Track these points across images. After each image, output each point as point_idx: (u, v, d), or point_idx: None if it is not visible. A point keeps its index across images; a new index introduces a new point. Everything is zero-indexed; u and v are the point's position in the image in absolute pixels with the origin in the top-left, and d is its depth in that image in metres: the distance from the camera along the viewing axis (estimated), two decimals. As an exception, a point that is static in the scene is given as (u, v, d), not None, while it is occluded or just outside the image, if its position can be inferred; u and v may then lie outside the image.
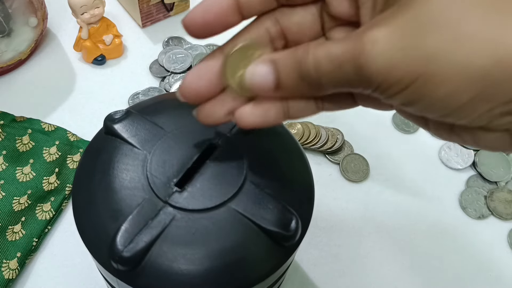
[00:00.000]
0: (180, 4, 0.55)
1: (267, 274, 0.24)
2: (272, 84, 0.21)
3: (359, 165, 0.44)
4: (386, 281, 0.38)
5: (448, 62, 0.16)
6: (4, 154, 0.41)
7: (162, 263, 0.22)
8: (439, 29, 0.16)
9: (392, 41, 0.17)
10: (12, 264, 0.36)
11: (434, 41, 0.16)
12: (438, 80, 0.17)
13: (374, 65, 0.17)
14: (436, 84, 0.17)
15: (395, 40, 0.17)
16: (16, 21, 0.46)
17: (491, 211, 0.42)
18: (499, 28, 0.16)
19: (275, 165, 0.26)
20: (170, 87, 0.48)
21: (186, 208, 0.23)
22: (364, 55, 0.17)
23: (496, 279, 0.39)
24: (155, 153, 0.25)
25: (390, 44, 0.17)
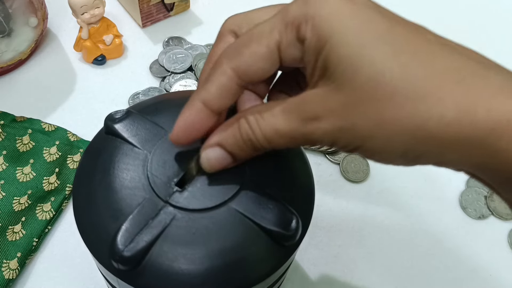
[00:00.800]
0: (180, 4, 0.55)
1: (267, 274, 0.24)
2: (230, 160, 0.24)
3: (359, 165, 0.44)
4: (386, 281, 0.38)
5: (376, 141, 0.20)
6: (4, 154, 0.41)
7: (163, 263, 0.22)
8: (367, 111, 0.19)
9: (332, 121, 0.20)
10: (12, 264, 0.36)
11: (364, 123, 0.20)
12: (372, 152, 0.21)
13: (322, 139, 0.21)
14: (372, 154, 0.21)
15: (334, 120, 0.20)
16: (16, 21, 0.46)
17: (491, 211, 0.42)
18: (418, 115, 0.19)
19: (276, 165, 0.26)
20: (170, 87, 0.48)
21: (187, 208, 0.23)
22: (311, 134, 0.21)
23: (496, 279, 0.39)
24: (155, 152, 0.25)
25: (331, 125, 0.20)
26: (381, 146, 0.20)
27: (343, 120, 0.20)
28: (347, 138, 0.20)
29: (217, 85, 0.22)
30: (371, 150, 0.20)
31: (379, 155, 0.21)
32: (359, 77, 0.19)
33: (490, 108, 0.18)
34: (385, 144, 0.20)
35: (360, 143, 0.20)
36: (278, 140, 0.22)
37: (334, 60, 0.20)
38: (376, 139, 0.20)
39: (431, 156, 0.20)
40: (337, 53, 0.20)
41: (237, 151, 0.23)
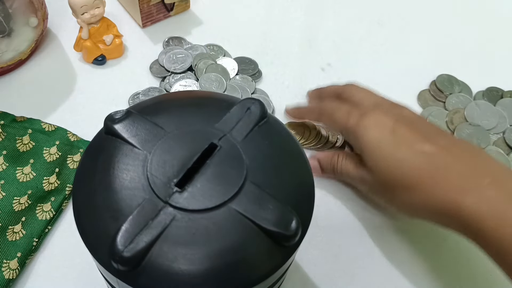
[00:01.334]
0: (180, 4, 0.55)
1: (267, 274, 0.24)
2: (319, 171, 0.43)
3: (359, 165, 0.44)
4: (386, 281, 0.38)
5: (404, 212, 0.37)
6: (5, 154, 0.41)
7: (163, 263, 0.22)
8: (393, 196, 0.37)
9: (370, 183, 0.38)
10: (12, 264, 0.36)
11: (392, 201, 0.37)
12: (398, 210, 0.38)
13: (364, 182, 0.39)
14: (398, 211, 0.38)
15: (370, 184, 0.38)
16: (16, 21, 0.46)
17: (491, 211, 0.42)
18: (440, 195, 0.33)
19: (276, 165, 0.26)
20: (170, 87, 0.48)
21: (187, 208, 0.23)
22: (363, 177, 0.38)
23: (497, 280, 0.39)
24: (155, 153, 0.25)
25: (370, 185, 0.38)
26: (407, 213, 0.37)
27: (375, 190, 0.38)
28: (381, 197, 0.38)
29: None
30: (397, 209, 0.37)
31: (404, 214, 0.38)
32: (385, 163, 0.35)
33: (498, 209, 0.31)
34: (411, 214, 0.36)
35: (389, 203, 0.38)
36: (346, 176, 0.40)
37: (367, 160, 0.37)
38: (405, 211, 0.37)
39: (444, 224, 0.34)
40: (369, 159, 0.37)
41: (325, 167, 0.42)
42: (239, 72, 0.50)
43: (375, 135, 0.35)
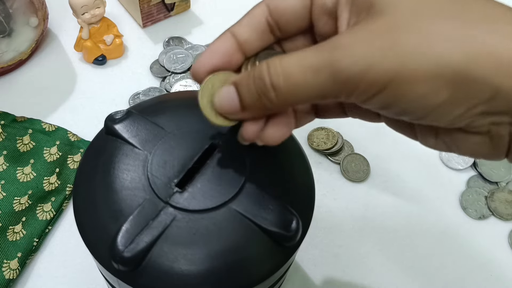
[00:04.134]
0: (180, 4, 0.55)
1: (268, 274, 0.24)
2: (237, 106, 0.21)
3: (359, 165, 0.44)
4: (386, 281, 0.38)
5: (421, 61, 0.16)
6: (5, 154, 0.41)
7: (163, 264, 0.22)
8: (411, 31, 0.17)
9: (367, 44, 0.17)
10: (12, 264, 0.36)
11: (406, 42, 0.17)
12: (413, 80, 0.17)
13: (352, 68, 0.17)
14: (411, 84, 0.17)
15: (370, 42, 0.17)
16: (17, 21, 0.46)
17: (491, 211, 0.42)
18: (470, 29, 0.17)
19: (276, 166, 0.26)
20: (170, 87, 0.48)
21: (187, 209, 0.23)
22: (341, 60, 0.17)
23: (497, 280, 0.39)
24: (155, 153, 0.25)
25: (366, 47, 0.17)
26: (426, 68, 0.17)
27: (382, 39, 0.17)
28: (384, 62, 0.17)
29: (248, 16, 0.22)
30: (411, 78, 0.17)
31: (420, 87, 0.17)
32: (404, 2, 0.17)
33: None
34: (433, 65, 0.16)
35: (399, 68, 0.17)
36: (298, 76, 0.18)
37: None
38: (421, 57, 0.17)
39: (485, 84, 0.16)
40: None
41: (245, 92, 0.20)
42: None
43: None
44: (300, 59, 0.18)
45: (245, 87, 0.20)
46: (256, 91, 0.20)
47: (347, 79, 0.18)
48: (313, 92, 0.18)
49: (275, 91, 0.19)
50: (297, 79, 0.18)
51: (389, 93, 0.17)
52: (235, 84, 0.21)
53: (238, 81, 0.21)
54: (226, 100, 0.21)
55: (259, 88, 0.19)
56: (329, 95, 0.19)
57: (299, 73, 0.18)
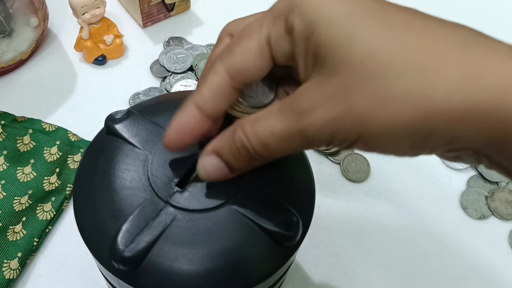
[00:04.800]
0: (181, 4, 0.55)
1: (268, 274, 0.24)
2: (226, 171, 0.23)
3: (360, 165, 0.44)
4: (387, 282, 0.38)
5: (379, 122, 0.18)
6: (5, 154, 0.41)
7: (163, 263, 0.22)
8: (363, 93, 0.18)
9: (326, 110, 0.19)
10: (13, 264, 0.36)
11: (361, 106, 0.18)
12: (375, 138, 0.18)
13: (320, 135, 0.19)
14: (375, 141, 0.18)
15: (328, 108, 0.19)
16: (17, 21, 0.46)
17: (492, 211, 0.42)
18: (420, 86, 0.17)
19: (276, 165, 0.26)
20: (170, 87, 0.48)
21: (187, 208, 0.23)
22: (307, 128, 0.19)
23: (497, 280, 0.39)
24: (156, 153, 0.25)
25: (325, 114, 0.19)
26: (384, 130, 0.18)
27: (340, 105, 0.18)
28: (346, 126, 0.18)
29: (210, 87, 0.22)
30: (373, 138, 0.18)
31: (383, 143, 0.18)
32: (353, 56, 0.18)
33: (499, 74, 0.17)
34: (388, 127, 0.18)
35: (361, 130, 0.18)
36: (275, 144, 0.20)
37: (324, 45, 0.19)
38: (378, 121, 0.18)
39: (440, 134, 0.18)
40: (326, 37, 0.18)
41: (233, 160, 0.22)
42: (239, 72, 0.50)
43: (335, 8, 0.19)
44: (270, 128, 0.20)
45: (230, 155, 0.22)
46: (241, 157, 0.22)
47: (319, 141, 0.19)
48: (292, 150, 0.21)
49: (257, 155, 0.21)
50: (274, 147, 0.20)
51: (359, 146, 0.19)
52: (216, 153, 0.22)
53: (220, 150, 0.22)
54: (213, 169, 0.23)
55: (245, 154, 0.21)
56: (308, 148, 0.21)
57: (274, 141, 0.20)
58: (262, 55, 0.21)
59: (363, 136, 0.18)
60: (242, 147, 0.21)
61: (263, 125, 0.20)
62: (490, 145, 0.17)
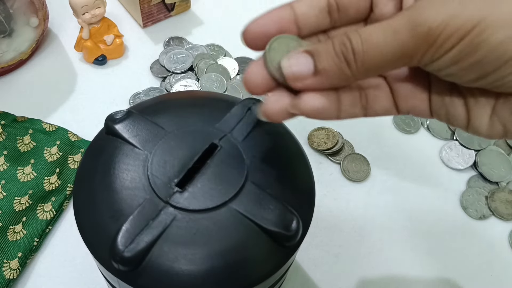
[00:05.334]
0: (181, 5, 0.55)
1: (268, 274, 0.24)
2: (311, 68, 0.20)
3: (360, 165, 0.44)
4: (387, 281, 0.38)
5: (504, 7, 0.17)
6: (5, 154, 0.41)
7: (163, 263, 0.22)
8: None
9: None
10: (13, 264, 0.36)
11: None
12: (495, 25, 0.17)
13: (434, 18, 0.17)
14: (493, 30, 0.17)
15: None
16: (17, 21, 0.46)
17: (492, 211, 0.42)
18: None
19: (276, 165, 0.26)
20: (171, 87, 0.48)
21: (187, 208, 0.23)
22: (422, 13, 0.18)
23: (497, 280, 0.39)
24: (156, 153, 0.25)
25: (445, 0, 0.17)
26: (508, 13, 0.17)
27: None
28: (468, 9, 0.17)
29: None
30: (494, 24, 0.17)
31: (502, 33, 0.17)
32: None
33: None
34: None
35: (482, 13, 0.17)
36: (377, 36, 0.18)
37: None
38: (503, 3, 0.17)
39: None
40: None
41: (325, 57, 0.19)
42: (239, 72, 0.50)
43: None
44: (379, 24, 0.18)
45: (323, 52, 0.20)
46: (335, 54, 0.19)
47: (428, 31, 0.18)
48: (392, 52, 0.19)
49: (355, 55, 0.19)
50: (377, 40, 0.18)
51: (467, 42, 0.18)
52: (308, 52, 0.20)
53: (313, 49, 0.20)
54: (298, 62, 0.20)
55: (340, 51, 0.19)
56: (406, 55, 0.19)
57: (378, 34, 0.18)
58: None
59: (482, 23, 0.17)
60: (339, 44, 0.19)
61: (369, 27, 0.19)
62: None
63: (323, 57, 0.20)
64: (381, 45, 0.18)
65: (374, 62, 0.19)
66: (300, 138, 0.31)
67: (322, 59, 0.20)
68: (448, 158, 0.45)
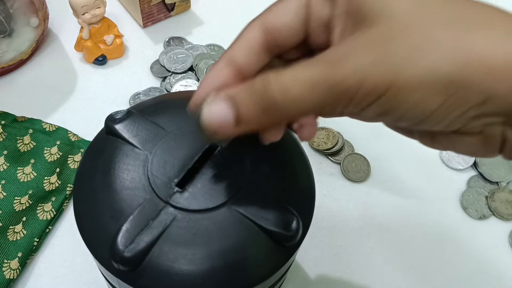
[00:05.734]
0: (181, 5, 0.55)
1: (268, 274, 0.24)
2: (232, 120, 0.20)
3: (360, 165, 0.44)
4: (387, 282, 0.38)
5: (414, 70, 0.17)
6: (5, 154, 0.41)
7: (163, 264, 0.22)
8: (404, 40, 0.17)
9: (361, 55, 0.17)
10: (13, 264, 0.36)
11: (400, 51, 0.17)
12: (407, 88, 0.17)
13: (348, 80, 0.17)
14: (406, 92, 0.17)
15: (363, 53, 0.17)
16: (17, 21, 0.46)
17: (492, 211, 0.42)
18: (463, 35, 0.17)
19: (276, 165, 0.26)
20: (171, 87, 0.48)
21: (187, 208, 0.23)
22: (337, 72, 0.18)
23: (497, 280, 0.39)
24: (156, 153, 0.25)
25: (360, 58, 0.17)
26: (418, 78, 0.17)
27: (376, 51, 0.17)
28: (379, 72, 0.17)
29: (243, 40, 0.21)
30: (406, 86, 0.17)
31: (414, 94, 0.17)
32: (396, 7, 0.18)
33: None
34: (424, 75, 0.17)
35: (394, 77, 0.17)
36: (296, 90, 0.18)
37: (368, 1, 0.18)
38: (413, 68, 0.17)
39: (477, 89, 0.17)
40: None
41: (243, 106, 0.19)
42: (239, 72, 0.50)
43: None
44: (296, 75, 0.18)
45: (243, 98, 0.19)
46: (254, 105, 0.19)
47: (344, 91, 0.18)
48: (310, 106, 0.19)
49: (273, 105, 0.19)
50: (294, 94, 0.18)
51: (385, 102, 0.18)
52: (228, 97, 0.20)
53: (232, 93, 0.20)
54: (218, 115, 0.20)
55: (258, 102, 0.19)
56: (326, 108, 0.19)
57: (297, 88, 0.18)
58: (298, 15, 0.21)
59: (395, 84, 0.17)
60: (259, 90, 0.19)
61: (288, 73, 0.18)
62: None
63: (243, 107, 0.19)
64: (300, 99, 0.18)
65: (296, 113, 0.19)
66: (300, 138, 0.31)
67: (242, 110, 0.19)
68: (448, 158, 0.45)
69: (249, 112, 0.19)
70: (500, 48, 0.17)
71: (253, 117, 0.19)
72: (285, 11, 0.21)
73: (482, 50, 0.17)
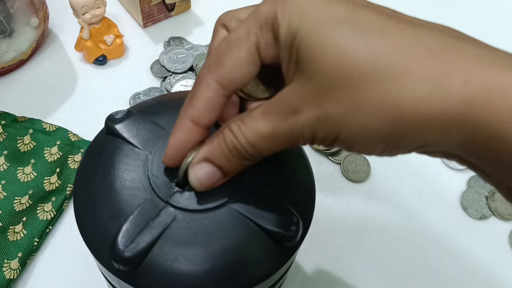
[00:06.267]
0: (181, 5, 0.55)
1: (268, 274, 0.24)
2: (219, 175, 0.23)
3: (360, 165, 0.44)
4: (387, 282, 0.38)
5: (350, 128, 0.19)
6: (6, 154, 0.41)
7: (163, 263, 0.22)
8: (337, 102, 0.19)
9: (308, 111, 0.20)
10: (13, 264, 0.36)
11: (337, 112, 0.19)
12: (350, 140, 0.20)
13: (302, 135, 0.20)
14: (351, 142, 0.20)
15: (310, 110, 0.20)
16: (17, 21, 0.46)
17: (492, 211, 0.42)
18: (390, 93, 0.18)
19: (276, 165, 0.26)
20: (171, 87, 0.48)
21: (187, 208, 0.23)
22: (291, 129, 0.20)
23: (497, 280, 0.39)
24: (156, 153, 0.25)
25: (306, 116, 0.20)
26: (357, 133, 0.19)
27: (318, 109, 0.19)
28: (325, 128, 0.20)
29: (204, 100, 0.22)
30: (349, 139, 0.20)
31: (359, 144, 0.20)
32: (326, 64, 0.19)
33: (466, 79, 0.17)
34: (361, 131, 0.19)
35: (337, 133, 0.19)
36: (263, 144, 0.21)
37: (304, 53, 0.19)
38: (351, 125, 0.19)
39: (410, 139, 0.19)
40: (305, 45, 0.19)
41: (225, 163, 0.22)
42: (239, 72, 0.50)
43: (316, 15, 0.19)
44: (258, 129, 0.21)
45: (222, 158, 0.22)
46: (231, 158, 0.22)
47: (303, 140, 0.21)
48: (280, 148, 0.21)
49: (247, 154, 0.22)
50: (261, 146, 0.21)
51: (339, 145, 0.20)
52: (207, 159, 0.23)
53: (211, 155, 0.22)
54: (206, 176, 0.23)
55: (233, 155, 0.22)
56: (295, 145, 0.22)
57: (261, 142, 0.21)
58: (252, 62, 0.22)
59: (340, 137, 0.20)
60: (233, 147, 0.22)
61: (249, 127, 0.21)
62: (460, 149, 0.18)
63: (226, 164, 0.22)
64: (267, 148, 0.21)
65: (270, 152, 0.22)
66: (300, 138, 0.31)
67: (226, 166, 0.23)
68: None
69: (231, 165, 0.22)
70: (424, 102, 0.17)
71: (235, 166, 0.23)
72: (238, 63, 0.21)
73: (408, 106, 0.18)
